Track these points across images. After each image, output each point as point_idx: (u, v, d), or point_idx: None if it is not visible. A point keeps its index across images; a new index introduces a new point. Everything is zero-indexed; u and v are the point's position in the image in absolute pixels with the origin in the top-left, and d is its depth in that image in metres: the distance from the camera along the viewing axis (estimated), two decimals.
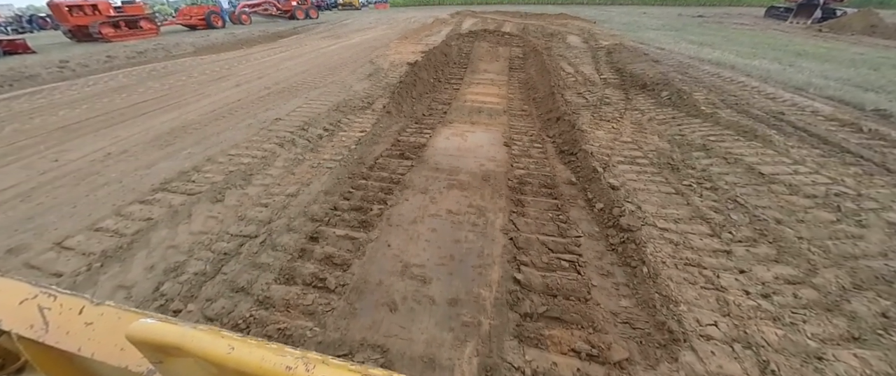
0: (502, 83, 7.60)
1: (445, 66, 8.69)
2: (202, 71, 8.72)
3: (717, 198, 2.87)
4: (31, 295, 0.69)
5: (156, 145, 4.14)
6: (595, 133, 4.34)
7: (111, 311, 0.66)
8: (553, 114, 5.40)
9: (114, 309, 0.66)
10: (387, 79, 7.26)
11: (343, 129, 4.62)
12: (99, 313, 0.66)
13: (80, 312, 0.66)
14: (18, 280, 0.73)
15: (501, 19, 19.97)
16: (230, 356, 0.47)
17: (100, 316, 0.66)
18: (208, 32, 16.78)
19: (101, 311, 0.66)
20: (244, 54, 11.32)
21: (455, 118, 5.42)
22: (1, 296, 0.70)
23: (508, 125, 5.12)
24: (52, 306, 0.68)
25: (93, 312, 0.66)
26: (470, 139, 4.46)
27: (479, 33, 11.44)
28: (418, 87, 6.85)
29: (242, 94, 6.33)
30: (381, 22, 21.48)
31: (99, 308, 0.66)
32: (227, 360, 0.47)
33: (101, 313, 0.66)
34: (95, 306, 0.67)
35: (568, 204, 2.94)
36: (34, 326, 0.66)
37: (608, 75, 7.47)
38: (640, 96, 6.01)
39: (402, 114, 5.53)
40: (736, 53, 8.52)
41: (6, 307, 0.68)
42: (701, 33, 12.75)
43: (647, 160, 3.61)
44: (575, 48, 10.52)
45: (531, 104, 6.28)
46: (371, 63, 8.79)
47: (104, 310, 0.66)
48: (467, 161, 3.77)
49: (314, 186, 3.18)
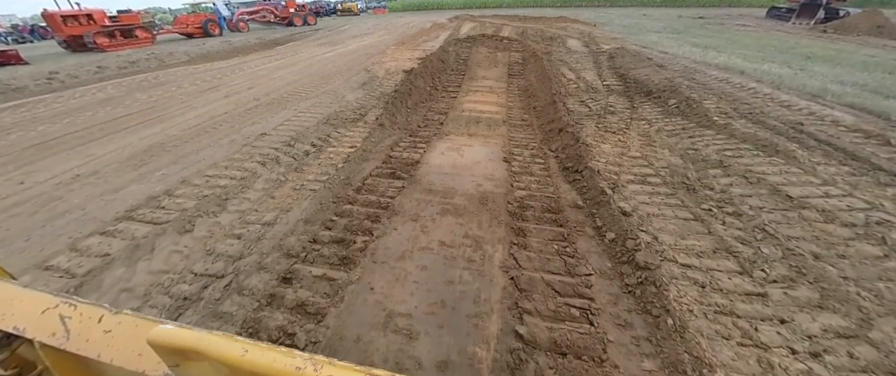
0: (501, 91, 7.32)
1: (443, 73, 8.43)
2: (192, 81, 8.49)
3: (742, 225, 2.56)
4: (52, 305, 0.71)
5: (129, 165, 3.86)
6: (601, 147, 4.04)
7: (129, 319, 0.68)
8: (555, 125, 5.11)
9: (131, 318, 0.68)
10: (381, 88, 7.00)
11: (332, 145, 4.33)
12: (117, 321, 0.68)
13: (99, 321, 0.69)
14: (39, 290, 0.74)
15: (500, 23, 19.78)
16: (244, 358, 0.50)
17: (118, 324, 0.68)
18: (204, 41, 16.62)
19: (119, 320, 0.68)
20: (238, 63, 11.11)
21: (452, 129, 5.13)
22: (24, 306, 0.72)
23: (508, 137, 4.83)
24: (72, 315, 0.70)
25: (111, 320, 0.69)
26: (467, 154, 4.16)
27: (477, 38, 11.20)
28: (414, 96, 6.58)
29: (230, 106, 6.06)
30: (378, 27, 21.34)
31: (117, 316, 0.69)
32: (241, 363, 0.50)
33: (119, 321, 0.68)
34: (114, 314, 0.69)
35: (575, 232, 2.63)
36: (56, 334, 0.68)
37: (611, 81, 7.19)
38: (647, 104, 5.71)
39: (396, 126, 5.25)
40: (743, 57, 8.23)
41: (29, 316, 0.71)
42: (704, 36, 12.49)
43: (660, 179, 3.30)
44: (576, 52, 10.26)
45: (531, 113, 6.00)
46: (366, 71, 8.54)
47: (122, 319, 0.69)
48: (463, 180, 3.47)
49: (294, 213, 2.88)
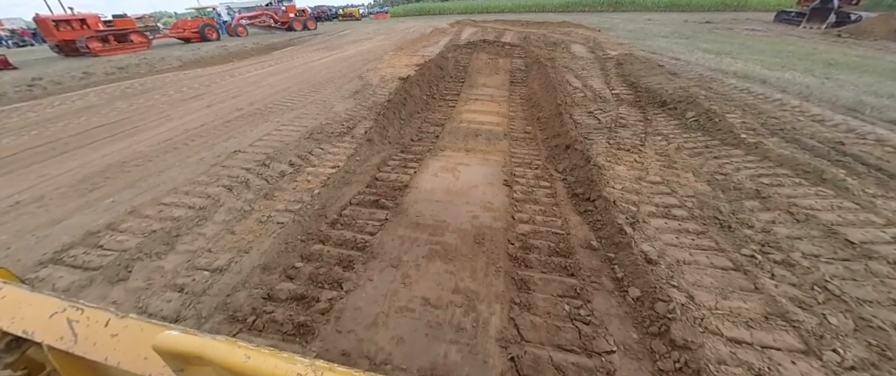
0: (502, 99, 6.87)
1: (441, 81, 7.99)
2: (179, 88, 8.10)
3: (796, 280, 2.07)
4: (60, 309, 0.73)
5: (80, 189, 3.43)
6: (614, 169, 3.56)
7: (134, 324, 0.69)
8: (561, 140, 4.64)
9: (137, 322, 0.69)
10: (374, 97, 6.57)
11: (312, 164, 3.88)
12: (123, 325, 0.69)
13: (105, 325, 0.70)
14: (47, 294, 0.75)
15: (502, 28, 19.40)
16: (246, 364, 0.52)
17: (124, 328, 0.69)
18: (200, 46, 16.33)
19: (126, 324, 0.69)
20: (231, 68, 10.75)
21: (448, 144, 4.68)
22: (32, 310, 0.73)
23: (509, 154, 4.37)
24: (79, 319, 0.71)
25: (117, 324, 0.70)
26: (463, 175, 3.70)
27: (478, 44, 10.78)
28: (409, 106, 6.14)
29: (210, 116, 5.64)
30: (379, 32, 21.04)
31: (123, 320, 0.70)
32: (244, 368, 0.52)
33: (125, 325, 0.69)
34: (120, 318, 0.70)
35: (590, 285, 2.15)
36: (64, 338, 0.69)
37: (620, 90, 6.72)
38: (661, 116, 5.23)
39: (387, 141, 4.80)
40: (761, 64, 7.74)
41: (38, 320, 0.72)
42: (714, 41, 12.00)
43: (686, 211, 2.82)
44: (581, 59, 9.81)
45: (535, 125, 5.53)
46: (360, 78, 8.12)
47: (128, 323, 0.70)
48: (457, 211, 3.00)
49: (251, 256, 2.42)
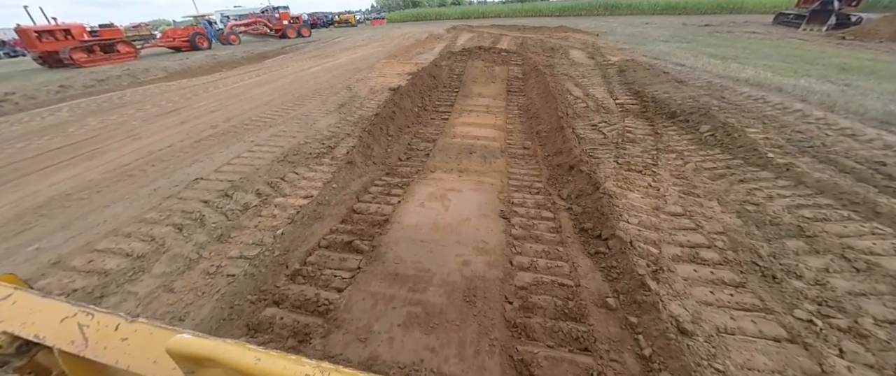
0: (499, 110, 6.44)
1: (433, 91, 7.56)
2: (157, 102, 7.66)
3: (873, 360, 1.61)
4: (70, 314, 0.74)
5: (5, 232, 2.94)
6: (627, 196, 3.11)
7: (144, 328, 0.70)
8: (564, 159, 4.19)
9: (146, 326, 0.70)
10: (361, 110, 6.13)
11: (282, 193, 3.41)
12: (133, 329, 0.71)
13: (115, 329, 0.71)
14: (57, 299, 0.77)
15: (498, 34, 19.10)
16: (257, 366, 0.54)
17: (134, 332, 0.70)
18: (188, 55, 15.94)
19: (135, 328, 0.71)
20: (217, 79, 10.33)
21: (439, 164, 4.23)
22: (43, 315, 0.74)
23: (506, 175, 3.91)
24: (90, 323, 0.72)
25: (127, 329, 0.71)
26: (454, 205, 3.23)
27: (473, 51, 10.38)
28: (398, 120, 5.70)
29: (181, 135, 5.18)
30: (374, 39, 20.74)
31: (133, 325, 0.71)
32: (255, 370, 0.53)
33: (134, 329, 0.70)
34: (129, 323, 0.71)
35: (610, 369, 1.68)
36: (75, 342, 0.70)
37: (625, 100, 6.29)
38: (672, 130, 4.79)
39: (372, 162, 4.34)
40: (771, 70, 7.33)
41: (49, 325, 0.73)
42: (717, 45, 11.64)
43: (718, 254, 2.35)
44: (580, 65, 9.41)
45: (535, 140, 5.09)
46: (348, 89, 7.69)
47: (137, 327, 0.71)
48: (445, 254, 2.53)
49: (184, 327, 1.95)
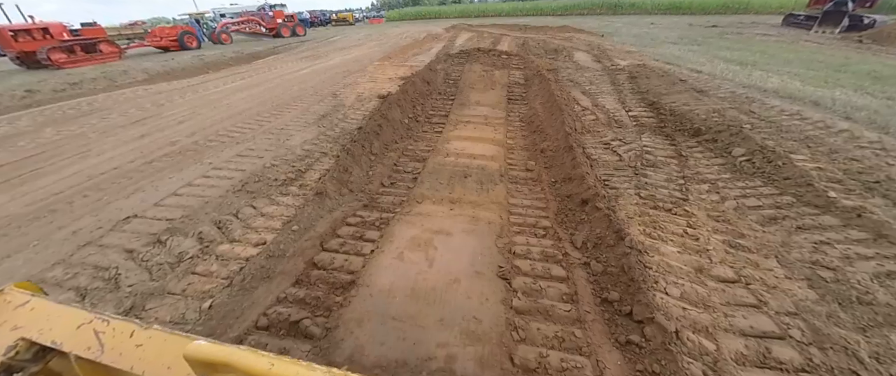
0: (499, 122, 5.79)
1: (427, 99, 6.91)
2: (126, 110, 7.00)
3: None
4: (86, 321, 0.76)
5: None
6: (660, 250, 2.45)
7: (158, 334, 0.72)
8: (575, 188, 3.54)
9: (161, 333, 0.72)
10: (345, 122, 5.47)
11: (230, 238, 2.76)
12: (147, 336, 0.72)
13: (130, 335, 0.73)
14: (73, 306, 0.78)
15: (498, 34, 18.42)
16: (270, 371, 0.56)
17: (148, 338, 0.72)
18: (173, 56, 15.27)
19: (150, 334, 0.72)
20: (199, 82, 9.67)
21: (427, 192, 3.58)
22: (60, 322, 0.76)
23: (507, 208, 3.27)
24: (105, 330, 0.74)
25: (142, 335, 0.73)
26: (441, 256, 2.59)
27: (471, 53, 9.71)
28: (385, 134, 5.04)
29: (134, 154, 4.52)
30: (371, 38, 20.09)
31: (147, 331, 0.73)
32: (269, 374, 0.56)
33: (149, 336, 0.72)
34: (144, 329, 0.73)
35: None
36: (91, 348, 0.72)
37: (639, 112, 5.64)
38: (698, 151, 4.14)
39: (348, 189, 3.69)
40: (798, 78, 6.66)
41: (66, 331, 0.75)
42: (730, 48, 10.97)
43: (801, 354, 1.70)
44: (587, 69, 8.75)
45: (539, 160, 4.44)
46: (334, 96, 7.02)
47: (152, 333, 0.72)
48: (423, 342, 1.88)
49: None
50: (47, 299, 0.81)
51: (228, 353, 0.57)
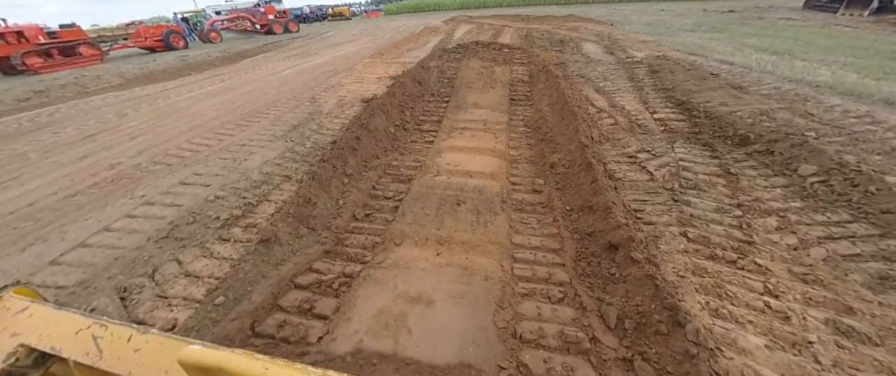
0: (500, 128, 4.98)
1: (418, 102, 6.09)
2: (84, 122, 6.28)
3: None
4: (85, 326, 0.76)
5: None
6: (738, 344, 1.65)
7: (156, 339, 0.73)
8: (598, 223, 2.74)
9: (158, 337, 0.73)
10: (319, 134, 4.69)
11: (131, 318, 2.02)
12: (145, 340, 0.73)
13: (128, 340, 0.73)
14: (72, 312, 0.78)
15: (500, 25, 17.40)
16: (265, 374, 0.56)
17: (146, 343, 0.72)
18: (160, 56, 14.55)
19: (147, 339, 0.73)
20: (174, 87, 8.94)
21: (409, 229, 2.81)
22: (59, 328, 0.76)
23: (509, 252, 2.50)
24: (104, 335, 0.74)
25: (140, 340, 0.73)
26: (416, 346, 1.82)
27: (469, 47, 8.83)
28: (365, 148, 4.25)
29: (60, 183, 3.77)
30: (366, 33, 19.19)
31: (145, 336, 0.73)
32: None
33: (146, 340, 0.73)
34: (142, 334, 0.74)
35: None
36: (90, 354, 0.72)
37: (666, 113, 4.78)
38: (749, 166, 3.30)
39: (308, 228, 2.92)
40: (851, 69, 5.71)
41: (65, 337, 0.75)
42: (756, 35, 9.94)
43: None
44: (598, 62, 7.84)
45: (549, 177, 3.62)
46: (313, 101, 6.23)
47: (149, 338, 0.73)
48: None
49: None
50: (46, 305, 0.83)
51: (223, 358, 0.58)
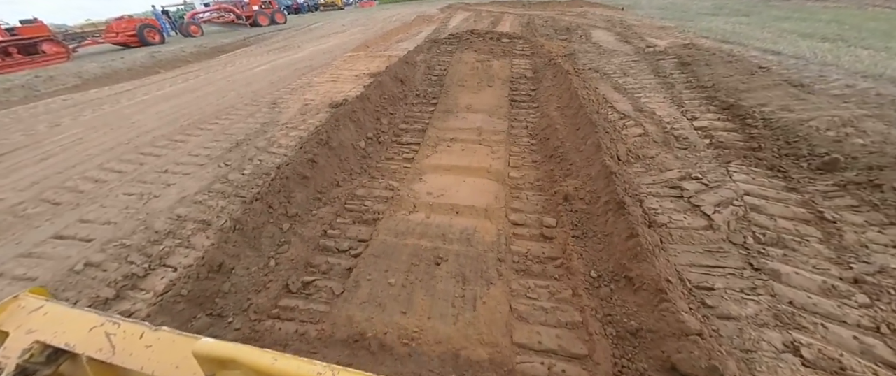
0: (498, 140, 3.98)
1: (399, 104, 5.06)
2: (7, 136, 5.29)
3: None
4: (98, 324, 0.79)
5: None
6: None
7: (167, 335, 0.76)
8: (642, 312, 1.77)
9: (169, 334, 0.76)
10: (266, 153, 3.69)
11: None
12: (156, 337, 0.76)
13: (140, 337, 0.76)
14: (85, 310, 0.82)
15: (499, 12, 16.13)
16: (274, 366, 0.59)
17: (157, 339, 0.76)
18: (127, 53, 13.46)
19: (159, 336, 0.76)
20: (132, 88, 7.92)
21: (360, 314, 1.88)
22: (73, 325, 0.80)
23: (508, 357, 1.53)
24: (116, 332, 0.78)
25: (151, 336, 0.76)
26: None
27: (463, 37, 7.72)
28: (321, 175, 3.26)
29: None
30: (356, 23, 17.96)
31: (156, 333, 0.77)
32: (272, 370, 0.59)
33: (158, 337, 0.76)
34: (154, 331, 0.77)
35: None
36: (103, 350, 0.76)
37: (709, 120, 3.73)
38: (847, 205, 2.29)
39: (213, 316, 1.95)
40: None
41: (78, 334, 0.78)
42: (789, 18, 8.75)
43: None
44: (613, 53, 6.74)
45: (563, 215, 2.63)
46: (272, 106, 5.20)
47: (161, 335, 0.76)
48: None
49: None
50: (60, 304, 0.85)
51: (235, 350, 0.61)
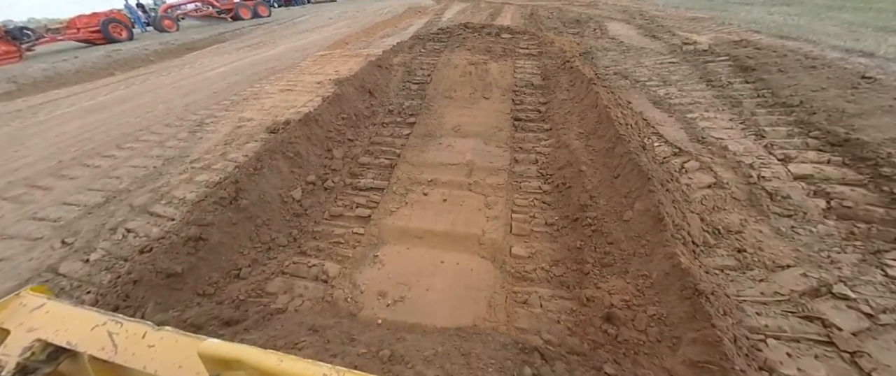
0: (495, 184, 2.71)
1: (363, 126, 3.78)
2: None
3: None
4: (100, 322, 0.78)
5: None
6: None
7: (170, 335, 0.74)
8: None
9: (172, 334, 0.74)
10: (144, 216, 2.42)
11: None
12: (159, 337, 0.74)
13: (143, 336, 0.75)
14: (88, 309, 0.81)
15: (499, 3, 14.66)
16: (279, 367, 0.59)
17: (160, 339, 0.74)
18: (83, 52, 12.12)
19: (161, 336, 0.74)
20: (65, 96, 6.72)
21: None
22: (75, 324, 0.79)
23: None
24: (119, 331, 0.76)
25: (154, 336, 0.74)
26: None
27: (455, 32, 6.37)
28: (212, 261, 2.04)
29: None
30: (345, 15, 16.57)
31: (159, 333, 0.75)
32: (277, 370, 0.58)
33: (161, 337, 0.74)
34: (156, 331, 0.75)
35: None
36: (105, 349, 0.74)
37: (813, 163, 2.44)
38: None
39: None
40: None
41: (80, 333, 0.77)
42: (841, 8, 7.36)
43: None
44: (641, 52, 5.41)
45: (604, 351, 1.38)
46: (194, 131, 3.89)
47: (163, 335, 0.74)
48: None
49: None
50: (62, 302, 0.84)
51: (240, 350, 0.60)
